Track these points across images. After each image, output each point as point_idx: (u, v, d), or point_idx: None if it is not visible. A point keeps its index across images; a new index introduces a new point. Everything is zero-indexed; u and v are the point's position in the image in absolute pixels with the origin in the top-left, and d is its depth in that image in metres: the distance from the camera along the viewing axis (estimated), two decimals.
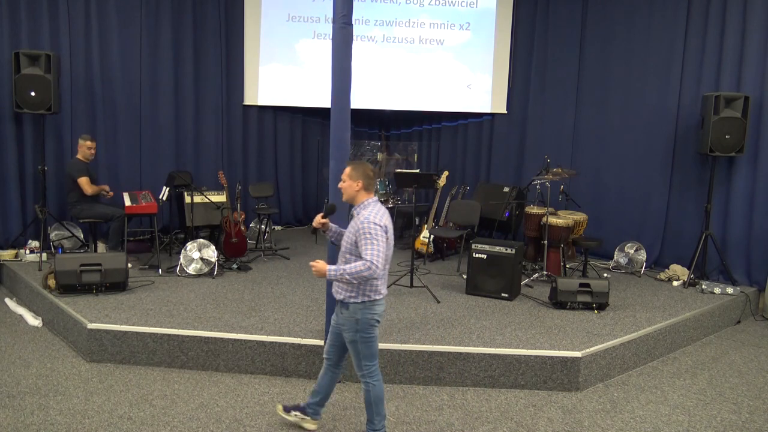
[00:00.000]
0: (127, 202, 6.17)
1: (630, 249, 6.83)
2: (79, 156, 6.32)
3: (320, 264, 3.20)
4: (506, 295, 5.55)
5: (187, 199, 6.76)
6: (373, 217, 3.19)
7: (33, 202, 6.67)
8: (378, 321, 3.35)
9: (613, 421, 3.91)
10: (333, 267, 3.19)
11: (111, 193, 6.54)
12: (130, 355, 4.49)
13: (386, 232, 3.22)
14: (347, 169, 3.34)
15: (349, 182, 3.33)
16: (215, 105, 8.03)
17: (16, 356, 4.58)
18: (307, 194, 9.16)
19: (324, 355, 3.58)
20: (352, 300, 3.27)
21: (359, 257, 3.17)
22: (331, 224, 3.50)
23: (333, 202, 3.65)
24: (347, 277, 3.12)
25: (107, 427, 3.61)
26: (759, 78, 6.18)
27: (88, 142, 6.34)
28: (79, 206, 6.24)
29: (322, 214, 3.46)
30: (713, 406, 4.16)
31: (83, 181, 6.20)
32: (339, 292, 3.33)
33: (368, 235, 3.14)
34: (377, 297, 3.30)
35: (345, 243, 3.30)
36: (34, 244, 6.64)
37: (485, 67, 8.25)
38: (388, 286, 5.65)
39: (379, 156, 8.75)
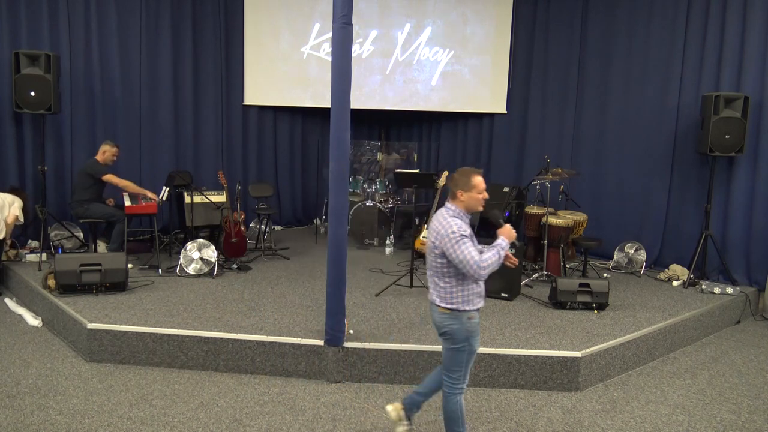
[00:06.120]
0: (127, 203, 6.16)
1: (630, 249, 6.83)
2: (98, 158, 6.29)
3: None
4: (506, 295, 5.55)
5: (187, 199, 6.76)
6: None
7: (33, 202, 6.67)
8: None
9: (613, 421, 3.91)
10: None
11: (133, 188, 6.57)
12: (130, 355, 4.49)
13: None
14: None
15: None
16: (215, 105, 8.03)
17: (16, 356, 4.58)
18: (307, 194, 9.16)
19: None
20: None
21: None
22: None
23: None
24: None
25: (107, 427, 3.61)
26: (759, 78, 6.18)
27: (115, 149, 6.39)
28: (86, 205, 6.21)
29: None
30: (713, 406, 4.16)
31: (110, 178, 6.19)
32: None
33: None
34: None
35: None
36: (34, 244, 6.65)
37: (485, 67, 8.25)
38: (388, 287, 5.69)
39: (380, 156, 8.75)
